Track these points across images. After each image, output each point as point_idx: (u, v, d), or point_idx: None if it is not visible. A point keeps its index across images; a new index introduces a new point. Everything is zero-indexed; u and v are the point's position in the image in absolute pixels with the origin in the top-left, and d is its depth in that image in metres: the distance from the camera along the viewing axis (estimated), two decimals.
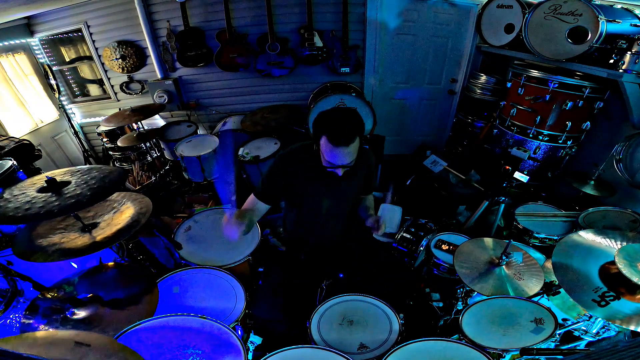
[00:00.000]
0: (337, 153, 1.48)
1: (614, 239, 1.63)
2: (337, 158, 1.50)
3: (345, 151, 1.47)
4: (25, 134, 3.62)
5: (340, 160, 1.50)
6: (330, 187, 1.75)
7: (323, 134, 1.48)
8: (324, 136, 1.48)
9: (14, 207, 1.39)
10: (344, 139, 1.45)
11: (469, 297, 2.03)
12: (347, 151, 1.47)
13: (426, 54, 3.97)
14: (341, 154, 1.48)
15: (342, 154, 1.48)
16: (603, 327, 1.71)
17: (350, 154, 1.49)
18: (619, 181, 2.73)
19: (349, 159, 1.50)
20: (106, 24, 3.68)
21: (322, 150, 1.53)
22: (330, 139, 1.46)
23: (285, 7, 3.57)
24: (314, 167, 1.69)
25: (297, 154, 1.74)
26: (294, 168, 1.71)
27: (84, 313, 1.47)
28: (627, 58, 2.35)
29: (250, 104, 4.06)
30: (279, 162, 1.74)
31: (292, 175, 1.71)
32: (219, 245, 2.16)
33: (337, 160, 1.51)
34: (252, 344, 1.77)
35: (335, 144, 1.46)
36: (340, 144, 1.45)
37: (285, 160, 1.74)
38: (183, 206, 3.36)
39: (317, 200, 1.79)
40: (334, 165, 1.54)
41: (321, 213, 1.81)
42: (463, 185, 3.25)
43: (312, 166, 1.69)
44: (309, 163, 1.69)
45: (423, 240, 2.45)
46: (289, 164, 1.72)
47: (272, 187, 1.74)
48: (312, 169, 1.70)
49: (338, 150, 1.47)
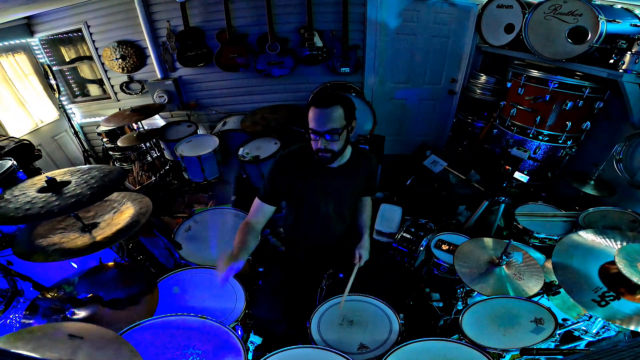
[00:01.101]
0: (317, 114, 1.54)
1: (614, 239, 1.63)
2: (317, 120, 1.54)
3: (324, 112, 1.53)
4: (25, 134, 3.62)
5: (319, 124, 1.54)
6: (329, 187, 1.76)
7: (310, 106, 1.58)
8: (310, 107, 1.57)
9: (14, 207, 1.39)
10: (325, 100, 1.54)
11: (469, 297, 2.03)
12: (326, 112, 1.52)
13: (426, 54, 3.97)
14: (321, 116, 1.53)
15: (322, 115, 1.53)
16: (603, 327, 1.71)
17: (329, 118, 1.53)
18: (619, 181, 2.73)
19: (328, 123, 1.54)
20: (106, 24, 3.68)
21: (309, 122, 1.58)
22: (314, 103, 1.56)
23: (285, 7, 3.58)
24: (312, 167, 1.70)
25: (296, 155, 1.75)
26: (293, 168, 1.73)
27: (84, 313, 1.47)
28: (627, 58, 2.35)
29: (250, 104, 4.06)
30: (279, 162, 1.76)
31: (292, 175, 1.73)
32: (219, 246, 2.16)
33: (319, 125, 1.54)
34: (252, 344, 1.77)
35: (316, 105, 1.55)
36: (321, 104, 1.53)
37: (284, 161, 1.75)
38: (183, 206, 3.36)
39: (317, 200, 1.80)
40: (316, 133, 1.57)
41: (320, 213, 1.82)
42: (463, 185, 3.25)
43: (311, 166, 1.70)
44: (307, 163, 1.70)
45: (423, 240, 2.45)
46: (289, 164, 1.74)
47: (274, 188, 1.75)
48: (311, 169, 1.71)
49: (318, 111, 1.54)
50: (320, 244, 1.95)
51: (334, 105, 1.53)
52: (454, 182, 3.35)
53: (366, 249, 1.85)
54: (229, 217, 2.41)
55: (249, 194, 3.45)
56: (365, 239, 1.88)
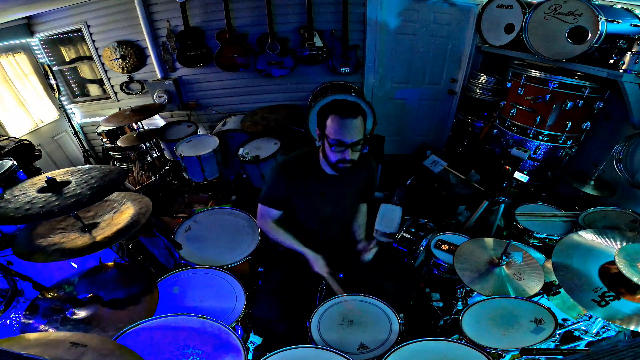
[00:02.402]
0: (346, 126, 1.47)
1: (614, 239, 1.62)
2: (346, 131, 1.48)
3: (353, 124, 1.46)
4: (25, 134, 3.62)
5: (349, 135, 1.48)
6: (330, 193, 1.75)
7: (330, 113, 1.49)
8: (331, 115, 1.48)
9: (14, 207, 1.39)
10: (352, 110, 1.46)
11: (469, 297, 2.03)
12: (355, 124, 1.46)
13: (426, 54, 3.97)
14: (350, 127, 1.47)
15: (351, 126, 1.47)
16: (603, 327, 1.71)
17: (358, 129, 1.48)
18: (619, 181, 2.73)
19: (357, 134, 1.49)
20: (106, 24, 3.68)
21: (329, 132, 1.51)
22: (339, 112, 1.47)
23: (285, 7, 3.58)
24: (313, 174, 1.69)
25: (296, 162, 1.75)
26: (293, 176, 1.72)
27: (84, 313, 1.47)
28: (627, 58, 2.35)
29: (250, 104, 4.06)
30: (279, 169, 1.75)
31: (292, 183, 1.72)
32: (219, 246, 2.16)
33: (347, 136, 1.48)
34: (252, 344, 1.77)
35: (343, 116, 1.46)
36: (349, 115, 1.46)
37: (284, 167, 1.75)
38: (183, 206, 3.36)
39: (318, 206, 1.80)
40: (342, 144, 1.50)
41: (321, 218, 1.82)
42: (463, 185, 3.25)
43: (312, 173, 1.69)
44: (308, 170, 1.69)
45: (423, 240, 2.45)
46: (288, 170, 1.73)
47: (275, 194, 1.76)
48: (311, 177, 1.70)
49: (346, 123, 1.46)
50: (320, 247, 1.95)
51: (360, 115, 1.48)
52: (454, 182, 3.35)
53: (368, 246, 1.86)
54: (229, 217, 2.40)
55: (249, 194, 3.47)
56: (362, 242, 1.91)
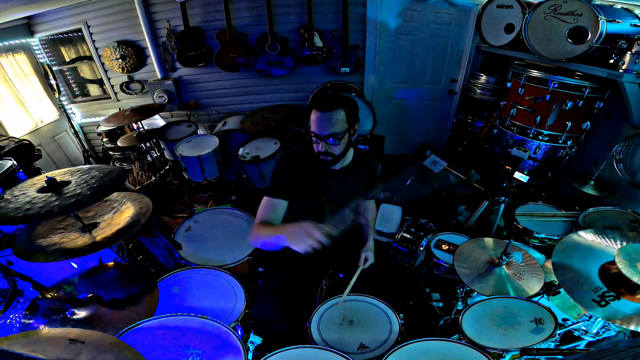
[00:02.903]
0: (319, 119, 1.52)
1: (614, 239, 1.63)
2: (319, 124, 1.53)
3: (326, 116, 1.51)
4: (25, 134, 3.62)
5: (321, 128, 1.53)
6: (330, 189, 1.75)
7: (311, 107, 1.55)
8: (312, 109, 1.54)
9: (14, 207, 1.39)
10: (327, 104, 1.51)
11: (469, 297, 2.03)
12: (328, 117, 1.50)
13: (426, 54, 3.97)
14: (323, 120, 1.51)
15: (324, 119, 1.51)
16: (603, 327, 1.71)
17: (332, 122, 1.51)
18: (619, 181, 2.73)
19: (330, 127, 1.52)
20: (106, 24, 3.67)
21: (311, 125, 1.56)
22: (316, 106, 1.53)
23: (285, 7, 3.57)
24: (314, 169, 1.70)
25: (297, 155, 1.75)
26: (294, 168, 1.72)
27: (84, 313, 1.47)
28: (627, 58, 2.35)
29: (250, 104, 4.06)
30: (281, 160, 1.77)
31: (293, 175, 1.72)
32: (219, 245, 2.16)
33: (319, 128, 1.53)
34: (252, 344, 1.77)
35: (318, 109, 1.52)
36: (323, 108, 1.51)
37: (285, 160, 1.75)
38: (183, 206, 3.36)
39: (318, 201, 1.79)
40: (318, 137, 1.55)
41: (322, 215, 1.82)
42: (463, 185, 3.25)
43: (312, 167, 1.69)
44: (309, 164, 1.70)
45: (423, 240, 2.45)
46: (289, 164, 1.73)
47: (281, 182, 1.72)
48: (312, 171, 1.70)
49: (320, 115, 1.51)
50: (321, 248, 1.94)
51: (336, 109, 1.51)
52: (454, 182, 3.35)
53: (372, 251, 1.87)
54: (228, 217, 2.40)
55: (249, 194, 3.47)
56: (370, 242, 1.90)
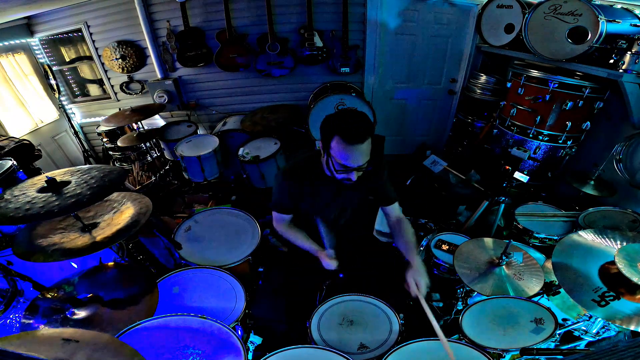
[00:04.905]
0: (352, 152, 1.41)
1: (614, 239, 1.63)
2: (352, 158, 1.43)
3: (360, 149, 1.40)
4: (25, 134, 3.62)
5: (355, 161, 1.43)
6: (337, 198, 1.72)
7: (335, 133, 1.41)
8: (336, 136, 1.41)
9: (14, 207, 1.39)
10: (359, 135, 1.39)
11: (469, 297, 2.03)
12: (362, 149, 1.41)
13: (426, 54, 3.97)
14: (356, 153, 1.41)
15: (357, 152, 1.41)
16: (603, 327, 1.71)
17: (364, 154, 1.43)
18: (619, 181, 2.73)
19: (363, 159, 1.44)
20: (106, 24, 3.67)
21: (334, 153, 1.45)
22: (345, 136, 1.38)
23: (285, 7, 3.57)
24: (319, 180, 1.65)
25: (301, 168, 1.71)
26: (295, 181, 1.68)
27: (84, 313, 1.47)
28: (627, 58, 2.35)
29: (250, 104, 4.06)
30: (280, 177, 1.71)
31: (295, 187, 1.69)
32: (219, 246, 2.16)
33: (352, 161, 1.43)
34: (252, 344, 1.77)
35: (349, 142, 1.39)
36: (356, 141, 1.38)
37: (285, 175, 1.71)
38: (183, 206, 3.36)
39: (325, 210, 1.77)
40: (348, 169, 1.46)
41: (329, 222, 1.79)
42: (463, 185, 3.25)
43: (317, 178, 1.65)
44: (313, 176, 1.66)
45: (423, 240, 2.45)
46: (290, 177, 1.69)
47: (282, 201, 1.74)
48: (317, 182, 1.66)
49: (353, 149, 1.40)
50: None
51: (367, 140, 1.41)
52: (454, 182, 3.35)
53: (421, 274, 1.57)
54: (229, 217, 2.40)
55: (249, 194, 3.47)
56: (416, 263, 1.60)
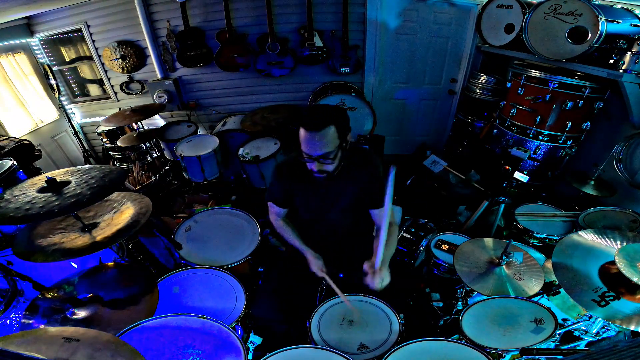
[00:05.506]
0: (309, 139, 1.45)
1: (614, 239, 1.63)
2: (309, 145, 1.47)
3: (317, 136, 1.43)
4: (25, 134, 3.62)
5: (312, 149, 1.47)
6: (323, 193, 1.75)
7: (300, 125, 1.49)
8: (300, 127, 1.48)
9: (14, 207, 1.39)
10: (315, 123, 1.44)
11: (469, 297, 2.03)
12: (318, 136, 1.43)
13: (426, 54, 3.97)
14: (314, 141, 1.45)
15: (315, 140, 1.45)
16: (603, 327, 1.71)
17: (323, 142, 1.45)
18: (619, 181, 2.73)
19: (321, 147, 1.46)
20: (106, 24, 3.67)
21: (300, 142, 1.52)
22: (303, 124, 1.46)
23: (285, 7, 3.57)
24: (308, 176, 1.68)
25: (291, 164, 1.76)
26: (289, 177, 1.75)
27: (84, 313, 1.47)
28: (627, 58, 2.35)
29: (250, 104, 4.06)
30: (275, 170, 1.80)
31: (288, 184, 1.76)
32: (219, 246, 2.16)
33: (310, 149, 1.47)
34: (252, 344, 1.77)
35: (306, 129, 1.44)
36: (311, 128, 1.43)
37: (280, 169, 1.79)
38: (183, 206, 3.36)
39: (315, 207, 1.81)
40: (310, 157, 1.51)
41: (321, 219, 1.83)
42: (463, 185, 3.25)
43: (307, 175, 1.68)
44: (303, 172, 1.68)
45: (423, 240, 2.45)
46: (284, 173, 1.77)
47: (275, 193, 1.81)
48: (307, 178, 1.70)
49: (309, 136, 1.44)
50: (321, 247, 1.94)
51: (327, 127, 1.43)
52: (454, 182, 3.35)
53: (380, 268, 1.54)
54: (228, 217, 2.40)
55: (249, 194, 3.47)
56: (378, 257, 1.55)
